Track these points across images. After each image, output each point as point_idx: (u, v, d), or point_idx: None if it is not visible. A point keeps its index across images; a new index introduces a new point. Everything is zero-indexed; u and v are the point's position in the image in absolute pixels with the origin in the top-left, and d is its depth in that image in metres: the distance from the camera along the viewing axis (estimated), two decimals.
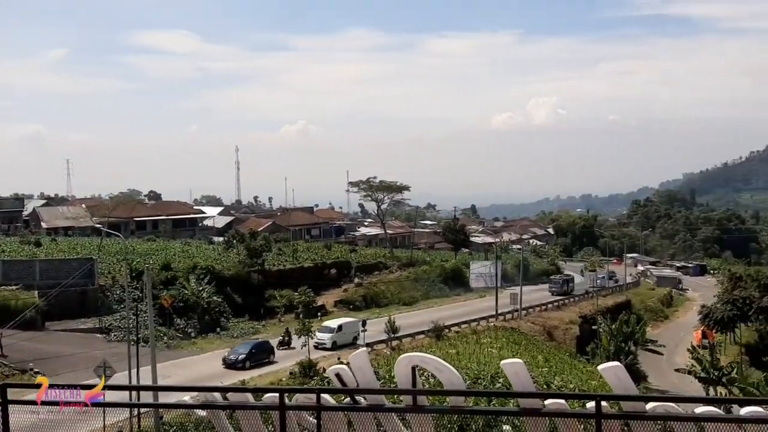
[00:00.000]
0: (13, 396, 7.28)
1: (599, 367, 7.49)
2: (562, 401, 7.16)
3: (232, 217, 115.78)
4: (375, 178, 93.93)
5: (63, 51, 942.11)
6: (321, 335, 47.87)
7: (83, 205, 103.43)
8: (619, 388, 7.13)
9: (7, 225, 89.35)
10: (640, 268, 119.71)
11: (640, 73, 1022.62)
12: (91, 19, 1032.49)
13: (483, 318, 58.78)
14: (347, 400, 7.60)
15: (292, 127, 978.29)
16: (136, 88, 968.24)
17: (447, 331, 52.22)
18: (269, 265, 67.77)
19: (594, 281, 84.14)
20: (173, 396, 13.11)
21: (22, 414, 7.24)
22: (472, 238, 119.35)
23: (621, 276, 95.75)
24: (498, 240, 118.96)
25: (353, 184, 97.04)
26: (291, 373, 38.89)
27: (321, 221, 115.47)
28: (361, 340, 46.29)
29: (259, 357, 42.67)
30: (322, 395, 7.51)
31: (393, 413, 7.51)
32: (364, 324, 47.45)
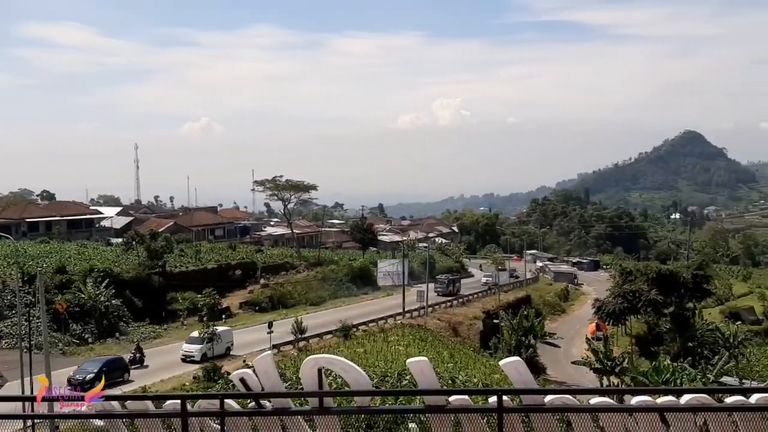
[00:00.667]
0: None
1: (500, 362, 7.73)
2: (466, 397, 7.33)
3: (131, 218, 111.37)
4: (281, 177, 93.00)
5: None
6: (189, 347, 43.54)
7: None
8: (520, 382, 7.38)
9: None
10: (539, 264, 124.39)
11: (538, 77, 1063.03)
12: None
13: (390, 316, 59.33)
14: (252, 404, 7.47)
15: (196, 124, 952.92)
16: (27, 84, 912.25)
17: (355, 330, 52.33)
18: (171, 267, 65.77)
19: (497, 278, 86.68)
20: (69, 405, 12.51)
21: None
22: (380, 237, 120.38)
23: (521, 272, 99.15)
24: (405, 238, 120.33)
25: (259, 183, 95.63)
26: (194, 377, 37.90)
27: (225, 221, 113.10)
28: (267, 342, 45.62)
29: (111, 376, 35.67)
30: (226, 401, 7.36)
31: (299, 416, 7.45)
32: (271, 325, 46.83)
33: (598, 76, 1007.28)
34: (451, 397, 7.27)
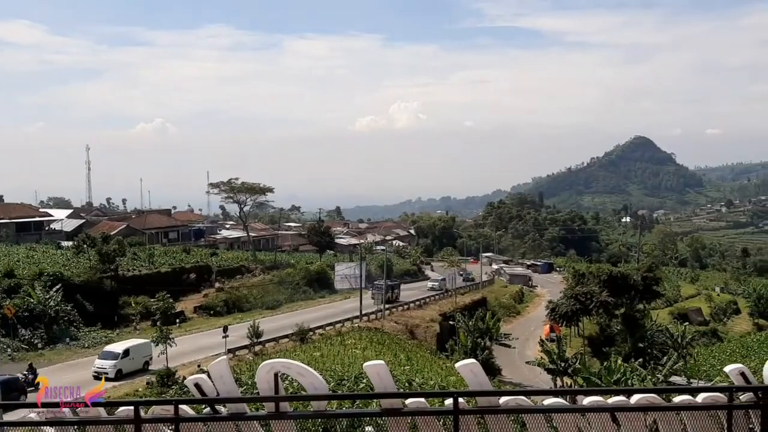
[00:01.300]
0: None
1: (456, 364, 7.81)
2: (422, 400, 7.38)
3: (82, 220, 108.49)
4: (237, 179, 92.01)
5: None
6: (102, 362, 39.74)
7: None
8: (475, 384, 7.46)
9: None
10: (495, 266, 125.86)
11: (494, 82, 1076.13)
12: None
13: (348, 319, 59.26)
14: (207, 410, 7.39)
15: (149, 125, 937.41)
16: None
17: (311, 333, 52.10)
18: (123, 271, 64.50)
19: (447, 282, 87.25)
20: (18, 412, 12.22)
21: None
22: (337, 240, 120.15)
23: (477, 274, 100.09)
24: (362, 241, 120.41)
25: (214, 186, 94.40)
26: (148, 383, 37.22)
27: (179, 224, 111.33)
28: (222, 347, 45.00)
29: (7, 398, 30.39)
30: (180, 406, 7.25)
31: (255, 421, 7.40)
32: (226, 330, 46.25)
33: (552, 81, 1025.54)
34: (408, 400, 7.30)
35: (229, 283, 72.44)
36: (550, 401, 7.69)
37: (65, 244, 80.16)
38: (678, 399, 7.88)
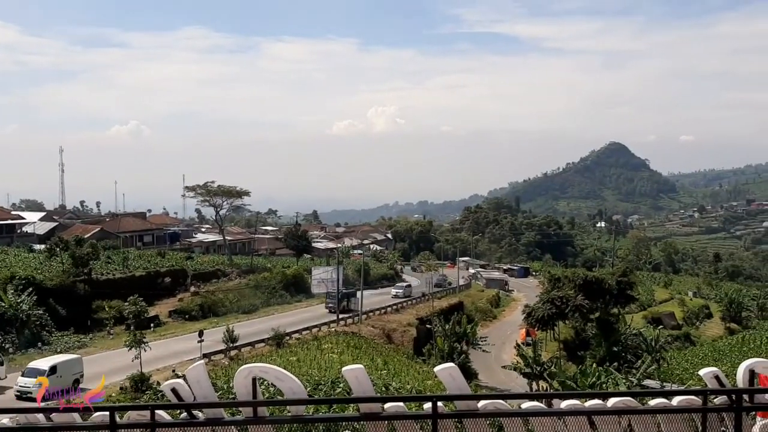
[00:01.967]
0: None
1: (435, 368, 7.82)
2: (401, 404, 7.38)
3: (55, 223, 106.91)
4: (213, 182, 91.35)
5: None
6: (25, 381, 35.74)
7: None
8: (454, 388, 7.48)
9: None
10: (472, 270, 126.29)
11: (471, 87, 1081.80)
12: None
13: (324, 324, 59.11)
14: (184, 415, 7.31)
15: (124, 127, 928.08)
16: None
17: (288, 338, 51.88)
18: (97, 275, 63.68)
19: (430, 285, 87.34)
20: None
21: None
22: (314, 244, 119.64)
23: (454, 279, 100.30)
24: (339, 245, 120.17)
25: (189, 189, 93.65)
26: (121, 388, 36.72)
27: (154, 227, 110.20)
28: (197, 352, 44.63)
29: None
30: (157, 411, 7.17)
31: (232, 426, 7.33)
32: (201, 334, 45.87)
33: (529, 87, 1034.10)
34: (386, 404, 7.29)
35: (204, 288, 71.79)
36: (527, 405, 7.74)
37: (38, 247, 79.00)
38: (653, 402, 7.97)
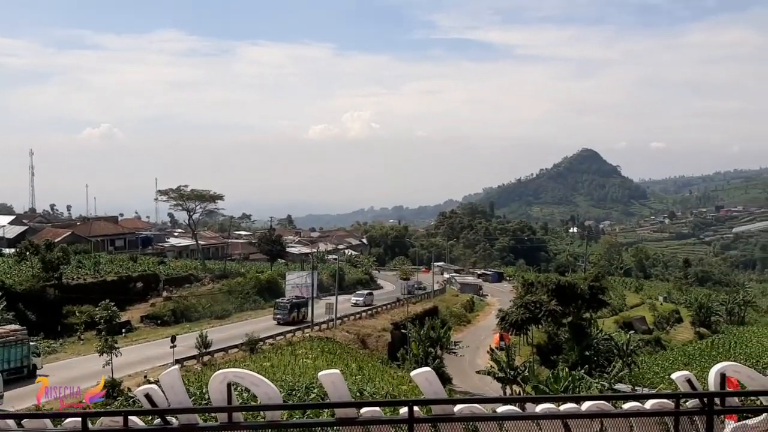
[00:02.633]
0: None
1: (411, 373, 7.82)
2: (377, 408, 7.36)
3: (24, 227, 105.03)
4: (186, 186, 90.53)
5: None
6: None
7: None
8: (430, 392, 7.49)
9: None
10: (446, 275, 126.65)
11: (446, 93, 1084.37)
12: None
13: (299, 329, 58.84)
14: (158, 421, 7.22)
15: (96, 130, 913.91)
16: None
17: (262, 343, 51.53)
18: (67, 279, 62.80)
19: (405, 290, 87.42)
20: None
21: None
22: (289, 249, 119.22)
23: (428, 284, 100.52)
24: (314, 250, 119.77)
25: (162, 193, 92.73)
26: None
27: (126, 231, 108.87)
28: (169, 357, 44.11)
29: None
30: (130, 417, 7.07)
31: None
32: (174, 340, 45.37)
33: (503, 93, 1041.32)
34: (362, 409, 7.28)
35: (177, 292, 71.15)
36: (503, 409, 7.77)
37: (7, 251, 77.70)
38: (627, 406, 8.06)
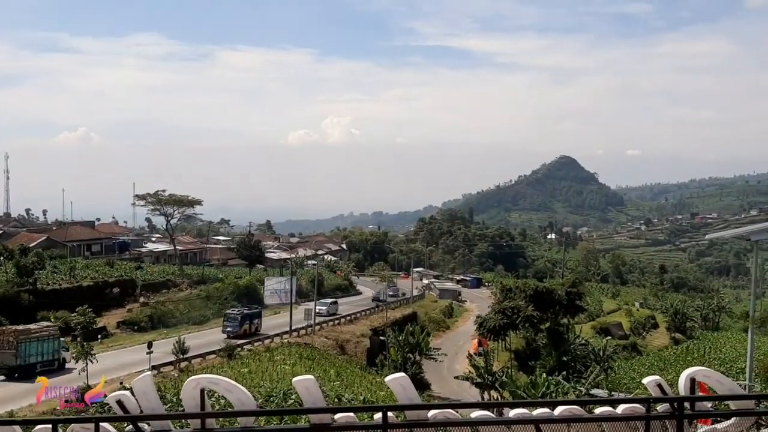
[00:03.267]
0: None
1: (386, 378, 7.85)
2: (352, 414, 7.38)
3: None
4: (164, 191, 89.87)
5: None
6: None
7: None
8: (404, 397, 7.51)
9: None
10: (425, 281, 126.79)
11: (426, 99, 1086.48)
12: None
13: (277, 335, 58.56)
14: (130, 427, 7.16)
15: (73, 134, 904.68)
16: None
17: (239, 349, 51.22)
18: (42, 284, 61.99)
19: (385, 295, 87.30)
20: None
21: None
22: (267, 254, 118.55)
23: (407, 289, 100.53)
24: (293, 255, 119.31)
25: (140, 197, 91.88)
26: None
27: (103, 236, 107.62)
28: (146, 363, 43.61)
29: None
30: (102, 424, 7.02)
31: None
32: (150, 346, 44.90)
33: (483, 101, 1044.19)
34: (337, 415, 7.28)
35: (154, 298, 70.51)
36: (476, 414, 7.81)
37: None
38: (599, 410, 8.15)
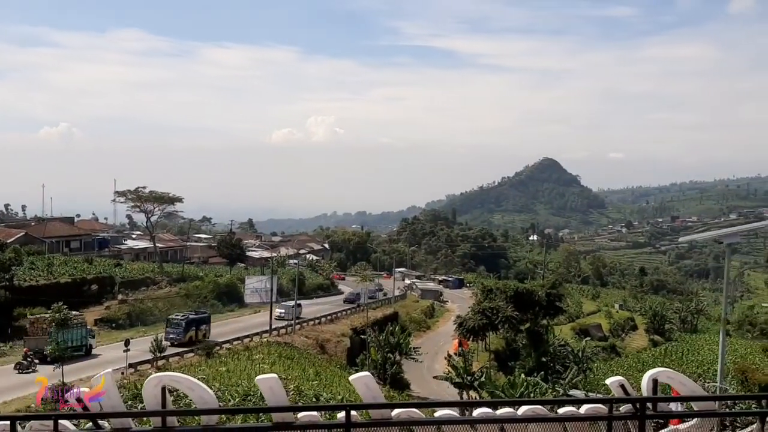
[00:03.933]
0: None
1: (350, 377, 7.85)
2: (315, 413, 7.37)
3: None
4: (144, 188, 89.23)
5: None
6: None
7: None
8: (368, 396, 7.52)
9: None
10: (407, 281, 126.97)
11: (410, 100, 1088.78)
12: None
13: (256, 333, 58.28)
14: (90, 425, 7.10)
15: (54, 129, 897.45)
16: None
17: (218, 348, 50.95)
18: (19, 281, 61.24)
19: (364, 296, 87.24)
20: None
21: None
22: (249, 253, 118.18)
23: (389, 289, 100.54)
24: (275, 255, 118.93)
25: (120, 194, 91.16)
26: (43, 399, 35.13)
27: (82, 233, 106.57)
28: (123, 361, 43.25)
29: None
30: (61, 421, 6.95)
31: None
32: (128, 343, 44.52)
33: (467, 101, 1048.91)
34: (300, 414, 7.27)
35: (133, 296, 70.01)
36: (440, 413, 7.83)
37: None
38: (562, 410, 8.21)
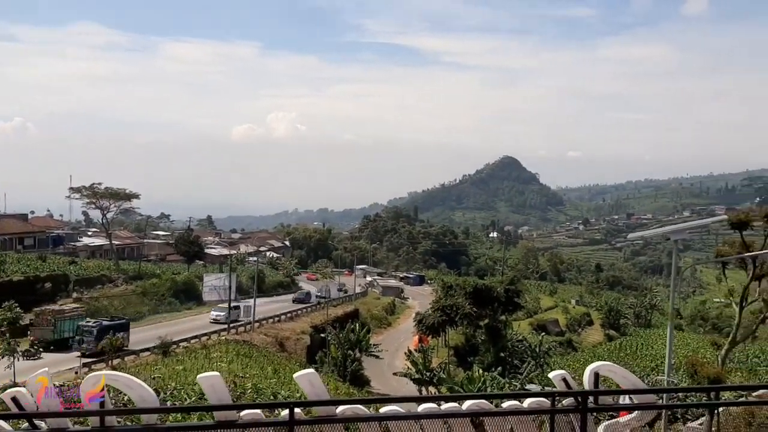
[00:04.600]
0: None
1: (294, 375, 7.81)
2: (258, 411, 7.32)
3: None
4: (100, 184, 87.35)
5: None
6: None
7: None
8: (313, 394, 7.50)
9: None
10: (369, 278, 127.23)
11: (374, 97, 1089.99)
12: None
13: (215, 332, 57.75)
14: (26, 425, 6.95)
15: (7, 124, 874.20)
16: None
17: (175, 347, 50.26)
18: None
19: (326, 292, 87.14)
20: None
21: None
22: (207, 250, 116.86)
23: (351, 286, 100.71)
24: (234, 252, 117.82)
25: (75, 190, 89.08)
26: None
27: (36, 230, 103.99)
28: (76, 361, 42.44)
29: None
30: None
31: None
32: (81, 342, 43.70)
33: (430, 99, 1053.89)
34: (243, 412, 7.22)
35: (88, 294, 68.56)
36: (385, 409, 7.86)
37: None
38: (506, 405, 8.31)
